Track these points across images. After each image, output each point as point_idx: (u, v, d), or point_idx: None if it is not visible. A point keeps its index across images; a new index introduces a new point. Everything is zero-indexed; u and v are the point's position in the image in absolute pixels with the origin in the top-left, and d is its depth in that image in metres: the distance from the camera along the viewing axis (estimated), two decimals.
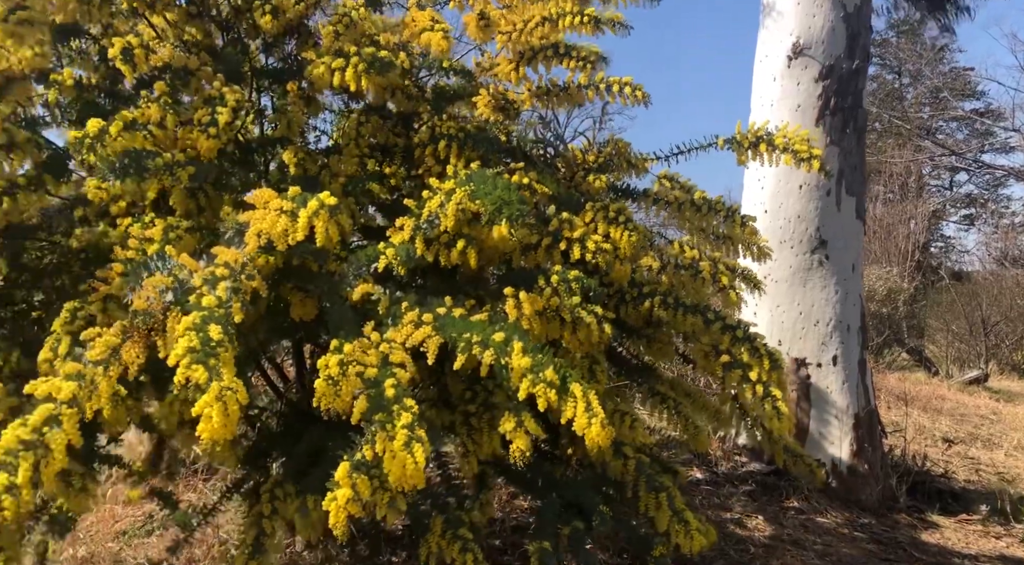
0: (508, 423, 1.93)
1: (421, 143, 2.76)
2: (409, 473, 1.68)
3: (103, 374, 1.71)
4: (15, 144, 2.33)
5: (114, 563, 3.65)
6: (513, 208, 1.99)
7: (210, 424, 1.54)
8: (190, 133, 2.30)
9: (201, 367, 1.57)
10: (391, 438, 1.70)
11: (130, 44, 2.29)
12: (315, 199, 1.91)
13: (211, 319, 1.68)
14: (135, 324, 1.76)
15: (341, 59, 2.38)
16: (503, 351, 1.88)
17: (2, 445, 1.57)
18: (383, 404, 1.77)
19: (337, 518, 1.70)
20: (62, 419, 1.63)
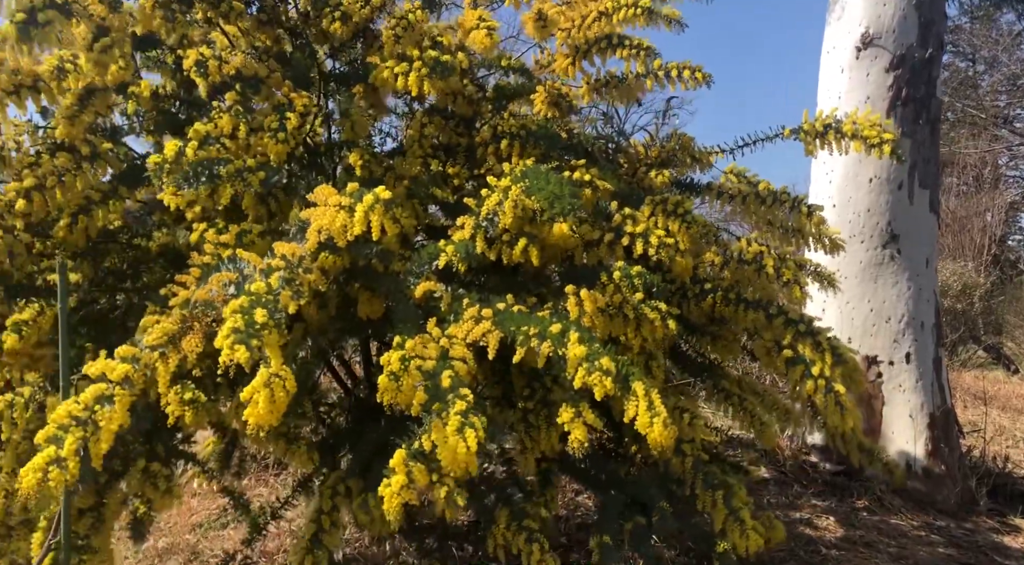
0: (566, 414, 1.93)
1: (483, 142, 2.80)
2: (461, 458, 1.69)
3: (160, 360, 1.76)
4: (97, 154, 2.44)
5: (191, 554, 3.79)
6: (565, 202, 1.99)
7: (256, 409, 1.59)
8: (260, 139, 2.38)
9: (243, 347, 1.59)
10: (445, 424, 1.72)
11: (203, 55, 2.38)
12: (371, 194, 1.96)
13: (258, 303, 1.72)
14: (194, 313, 1.82)
15: (404, 63, 2.42)
16: (560, 342, 1.89)
17: (53, 419, 1.63)
18: (440, 394, 1.80)
19: (391, 504, 1.73)
20: (115, 399, 1.69)
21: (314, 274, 1.93)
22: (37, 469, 1.55)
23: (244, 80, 2.39)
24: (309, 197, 2.08)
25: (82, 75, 2.38)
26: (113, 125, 2.71)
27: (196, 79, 2.39)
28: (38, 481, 1.54)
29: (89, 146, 2.42)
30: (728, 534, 2.35)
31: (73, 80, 2.35)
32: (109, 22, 2.35)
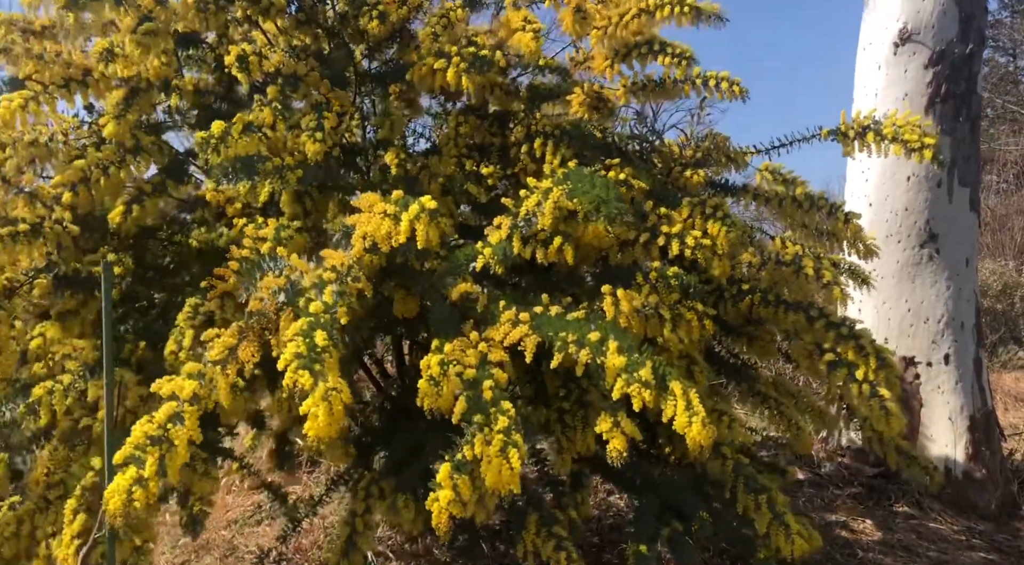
0: (605, 423, 1.92)
1: (517, 142, 2.79)
2: (505, 479, 1.71)
3: (221, 373, 1.81)
4: (141, 148, 2.49)
5: (227, 549, 3.84)
6: (611, 207, 1.99)
7: (316, 423, 1.62)
8: (298, 137, 2.40)
9: (307, 372, 1.66)
10: (488, 442, 1.73)
11: (245, 51, 2.40)
12: (416, 203, 1.96)
13: (317, 325, 1.76)
14: (250, 324, 1.86)
15: (443, 59, 2.43)
16: (598, 350, 1.88)
17: (130, 441, 1.69)
18: (482, 406, 1.81)
19: (439, 519, 1.74)
20: (184, 416, 1.74)
21: (362, 282, 1.95)
22: (122, 491, 1.60)
23: (284, 77, 2.41)
24: (353, 203, 2.10)
25: (128, 61, 2.41)
26: (156, 121, 2.75)
27: (237, 74, 2.42)
28: (123, 502, 1.59)
29: (133, 139, 2.46)
30: (772, 539, 2.32)
31: (120, 65, 2.39)
32: (155, 14, 2.38)
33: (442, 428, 2.58)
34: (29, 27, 2.58)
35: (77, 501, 1.94)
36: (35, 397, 2.17)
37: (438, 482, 1.76)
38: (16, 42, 2.38)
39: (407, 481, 2.47)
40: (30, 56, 2.37)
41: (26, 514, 2.16)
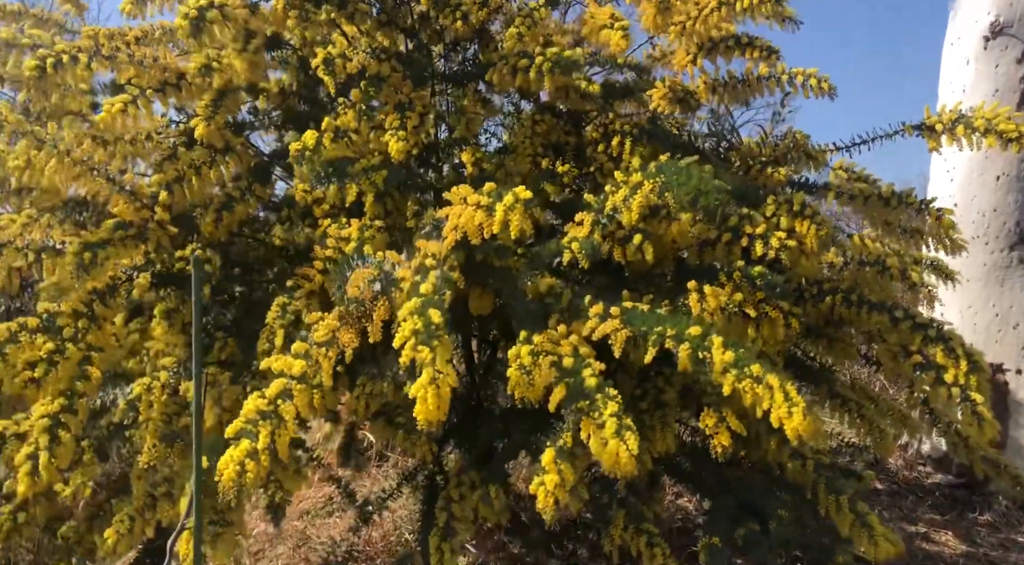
0: (710, 419, 1.93)
1: (593, 140, 2.79)
2: (623, 461, 1.71)
3: (324, 356, 1.86)
4: (230, 149, 2.57)
5: (300, 540, 3.93)
6: (711, 197, 1.97)
7: (425, 406, 1.66)
8: (380, 137, 2.45)
9: (426, 348, 1.70)
10: (600, 426, 1.74)
11: (331, 55, 2.46)
12: (511, 193, 1.98)
13: (430, 304, 1.80)
14: (349, 310, 1.90)
15: (525, 59, 2.44)
16: (701, 345, 1.86)
17: (243, 414, 1.76)
18: (583, 392, 1.82)
19: (546, 503, 1.77)
20: (293, 393, 1.81)
21: (456, 273, 1.98)
22: (235, 462, 1.67)
23: (368, 79, 2.46)
24: (445, 195, 2.12)
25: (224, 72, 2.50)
26: (241, 121, 2.83)
27: (324, 77, 2.47)
28: (237, 473, 1.66)
29: (223, 141, 2.54)
30: (855, 541, 2.26)
31: (218, 78, 2.47)
32: (252, 24, 2.46)
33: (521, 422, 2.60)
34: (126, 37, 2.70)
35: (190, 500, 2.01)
36: (135, 394, 2.27)
37: (543, 467, 1.79)
38: (121, 49, 2.49)
39: (492, 474, 2.50)
40: (132, 62, 2.47)
41: (136, 511, 2.26)
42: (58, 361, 2.12)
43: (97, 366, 2.23)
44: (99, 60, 2.40)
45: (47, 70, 2.29)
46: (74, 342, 2.18)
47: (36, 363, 2.11)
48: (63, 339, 2.16)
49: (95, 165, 2.35)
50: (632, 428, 1.75)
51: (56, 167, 2.24)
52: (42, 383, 2.10)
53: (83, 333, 2.22)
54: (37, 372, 2.09)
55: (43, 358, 2.11)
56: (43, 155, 2.22)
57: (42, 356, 2.11)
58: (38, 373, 2.09)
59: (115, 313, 2.35)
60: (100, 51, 2.41)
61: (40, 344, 2.14)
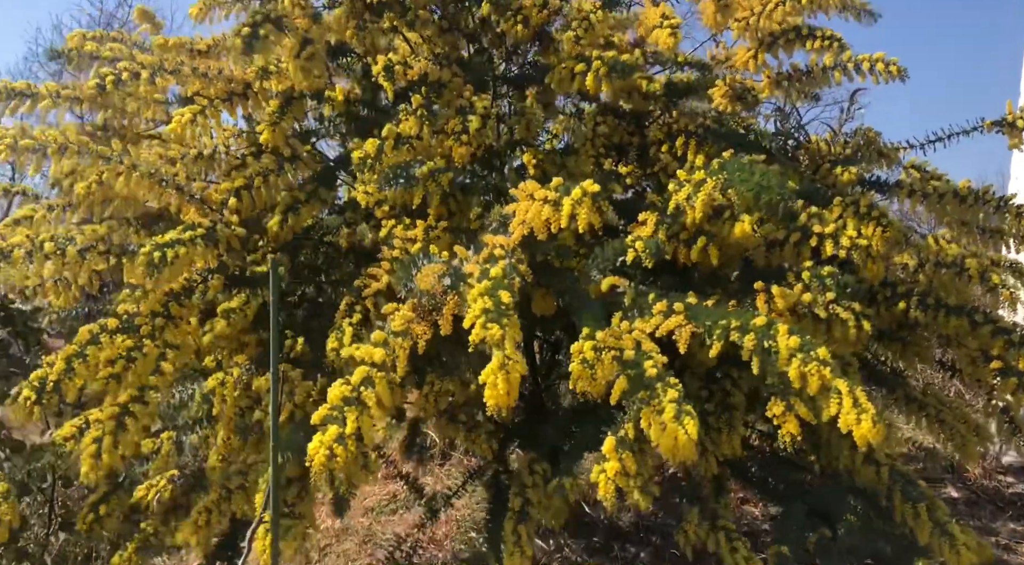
0: (777, 407, 1.89)
1: (656, 140, 2.76)
2: (681, 444, 1.70)
3: (400, 346, 1.90)
4: (297, 156, 2.63)
5: (366, 536, 4.00)
6: (773, 193, 1.94)
7: (495, 392, 1.69)
8: (443, 141, 2.48)
9: (496, 325, 1.72)
10: (658, 412, 1.73)
11: (391, 62, 2.50)
12: (578, 187, 1.99)
13: (499, 286, 1.83)
14: (422, 302, 1.94)
15: (583, 63, 2.44)
16: (766, 334, 1.84)
17: (329, 400, 1.81)
18: (645, 383, 1.82)
19: (606, 490, 1.78)
20: (375, 380, 1.85)
21: (523, 266, 2.00)
22: (325, 446, 1.72)
23: (428, 84, 2.49)
24: (511, 191, 2.15)
25: (283, 77, 2.56)
26: (308, 129, 2.90)
27: (384, 83, 2.51)
28: (326, 457, 1.70)
29: (290, 148, 2.61)
30: (934, 550, 2.19)
31: (275, 81, 2.54)
32: (311, 33, 2.52)
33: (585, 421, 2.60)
34: (194, 47, 2.79)
35: (264, 495, 2.07)
36: (208, 388, 2.36)
37: (603, 454, 1.81)
38: (184, 62, 2.57)
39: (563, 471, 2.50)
40: (196, 75, 2.55)
41: (212, 504, 2.34)
42: (136, 357, 2.22)
43: (172, 362, 2.33)
44: (162, 75, 2.49)
45: (107, 87, 2.39)
46: (151, 340, 2.27)
47: (115, 360, 2.21)
48: (141, 337, 2.26)
49: (164, 177, 2.45)
50: (692, 413, 1.73)
51: (124, 182, 2.35)
52: (121, 379, 2.21)
53: (159, 331, 2.31)
54: (116, 368, 2.19)
55: (122, 355, 2.21)
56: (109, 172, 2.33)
57: (121, 353, 2.21)
58: (117, 369, 2.19)
59: (190, 313, 2.43)
60: (164, 66, 2.50)
61: (119, 343, 2.23)
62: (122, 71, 2.37)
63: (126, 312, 2.41)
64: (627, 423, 1.83)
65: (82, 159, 2.33)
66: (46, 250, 2.27)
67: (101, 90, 2.34)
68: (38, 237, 2.33)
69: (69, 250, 2.31)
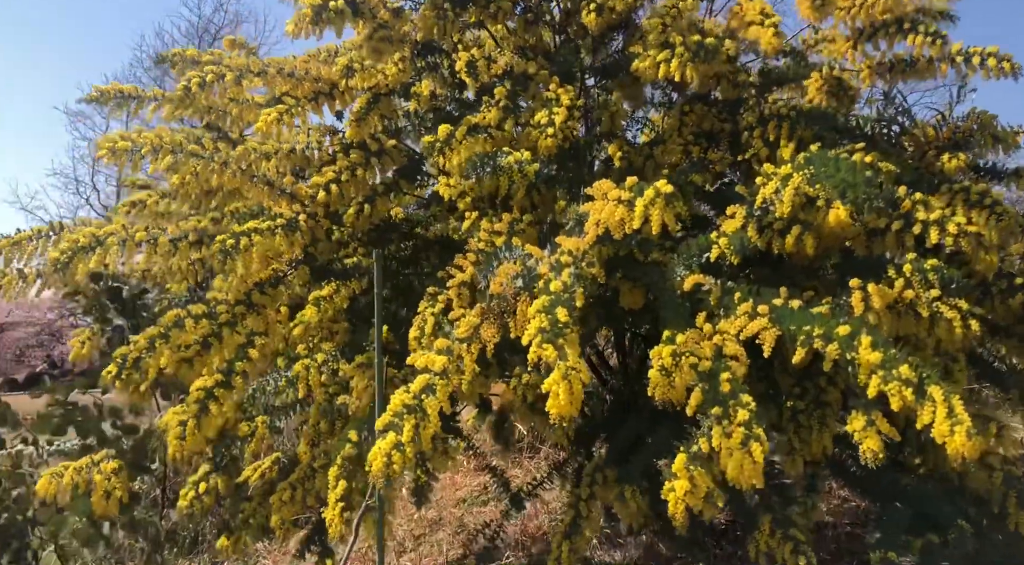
0: (858, 421, 1.81)
1: (748, 127, 2.67)
2: (747, 472, 1.67)
3: (467, 350, 1.91)
4: (384, 151, 2.68)
5: (458, 526, 4.05)
6: (859, 191, 1.84)
7: (557, 401, 1.67)
8: (529, 134, 2.47)
9: (550, 346, 1.71)
10: (727, 435, 1.69)
11: (474, 57, 2.51)
12: (651, 188, 1.94)
13: (558, 302, 1.81)
14: (491, 306, 1.95)
15: (666, 51, 2.38)
16: (849, 345, 1.76)
17: (390, 408, 1.84)
18: (719, 398, 1.77)
19: (676, 509, 1.74)
20: (436, 388, 1.88)
21: (596, 268, 1.98)
22: (383, 454, 1.76)
23: (513, 78, 2.48)
24: (587, 191, 2.12)
25: (366, 74, 2.61)
26: (396, 127, 2.95)
27: (466, 79, 2.53)
28: (384, 464, 1.75)
29: (377, 143, 2.66)
30: None
31: (360, 79, 2.59)
32: (391, 24, 2.56)
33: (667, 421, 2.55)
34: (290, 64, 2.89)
35: (339, 469, 2.14)
36: (295, 373, 2.44)
37: (673, 472, 1.77)
38: (270, 65, 2.66)
39: (631, 473, 2.47)
40: (283, 75, 2.63)
41: (298, 481, 2.42)
42: (212, 343, 2.31)
43: (259, 349, 2.42)
44: (248, 77, 2.57)
45: (192, 89, 2.49)
46: (231, 327, 2.36)
47: (191, 344, 2.31)
48: (219, 324, 2.35)
49: (254, 173, 2.54)
50: (761, 439, 1.69)
51: (218, 178, 2.46)
52: (194, 363, 2.31)
53: (240, 319, 2.40)
54: (190, 352, 2.30)
55: (197, 340, 2.31)
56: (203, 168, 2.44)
57: (196, 338, 2.31)
58: (190, 353, 2.30)
59: (274, 301, 2.51)
60: (250, 68, 2.59)
61: (201, 328, 2.33)
62: (208, 74, 2.46)
63: (214, 299, 2.52)
64: (701, 437, 1.78)
65: (177, 157, 2.42)
66: (137, 239, 2.38)
67: (187, 93, 2.44)
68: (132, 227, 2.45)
69: (161, 239, 2.42)
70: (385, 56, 2.63)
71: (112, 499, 2.48)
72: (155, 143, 2.44)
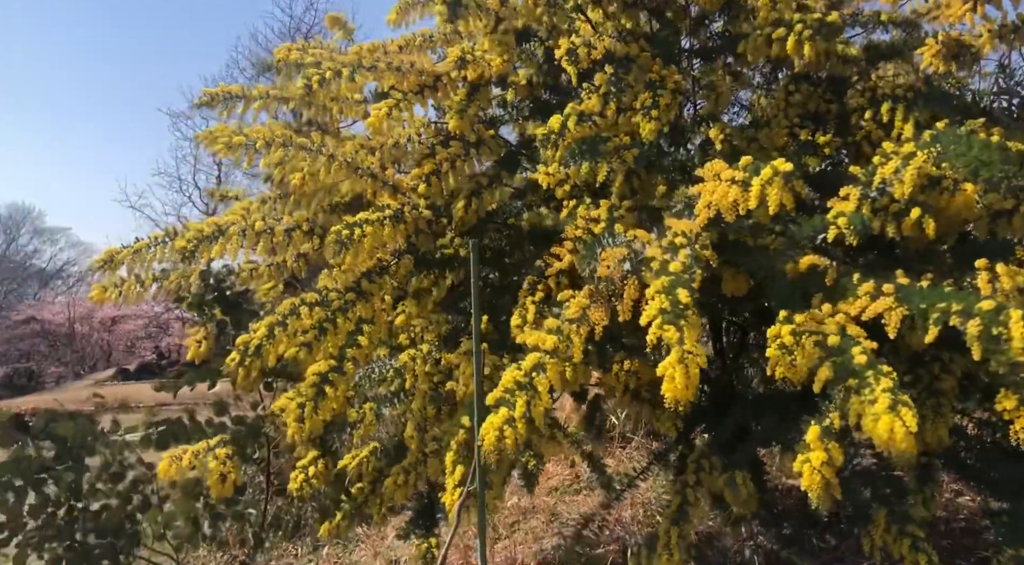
0: (1009, 400, 1.72)
1: (858, 108, 2.58)
2: (899, 436, 1.60)
3: (576, 332, 1.91)
4: (483, 142, 2.71)
5: (551, 515, 4.07)
6: (994, 169, 1.75)
7: (673, 385, 1.65)
8: (629, 118, 2.44)
9: (672, 327, 1.69)
10: (871, 402, 1.63)
11: (573, 43, 2.50)
12: (769, 166, 1.89)
13: (679, 283, 1.78)
14: (599, 289, 1.94)
15: (781, 28, 2.31)
16: (994, 320, 1.67)
17: (501, 385, 1.87)
18: (852, 370, 1.72)
19: (812, 480, 1.70)
20: (546, 366, 1.88)
21: (709, 251, 1.94)
22: (495, 428, 1.79)
23: (615, 62, 2.46)
24: (697, 172, 2.09)
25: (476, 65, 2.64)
26: (492, 116, 2.97)
27: (566, 66, 2.51)
28: (496, 438, 1.78)
29: (476, 134, 2.68)
30: None
31: (471, 70, 2.62)
32: (501, 13, 2.58)
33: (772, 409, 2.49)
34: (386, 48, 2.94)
35: (455, 455, 2.18)
36: (401, 362, 2.51)
37: (807, 444, 1.74)
38: (380, 59, 2.72)
39: (739, 460, 2.43)
40: (391, 69, 2.68)
41: (410, 466, 2.49)
42: (328, 329, 2.39)
43: (368, 336, 2.49)
44: (361, 73, 2.63)
45: (313, 87, 2.56)
46: (343, 313, 2.43)
47: (308, 330, 2.39)
48: (332, 311, 2.42)
49: (359, 166, 2.61)
50: (909, 404, 1.62)
51: (325, 172, 2.53)
52: (312, 347, 2.38)
53: (351, 306, 2.46)
54: (308, 337, 2.37)
55: (313, 326, 2.38)
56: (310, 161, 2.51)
57: (312, 324, 2.38)
58: (308, 338, 2.37)
59: (381, 290, 2.57)
60: (361, 63, 2.65)
61: (315, 315, 2.41)
62: (326, 70, 2.53)
63: (324, 287, 2.60)
64: (832, 412, 1.73)
65: (287, 150, 2.51)
66: (256, 228, 2.48)
67: (308, 90, 2.51)
68: (251, 216, 2.55)
69: (277, 228, 2.52)
70: (508, 49, 2.66)
71: (227, 482, 2.59)
72: (267, 137, 2.53)
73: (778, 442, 2.57)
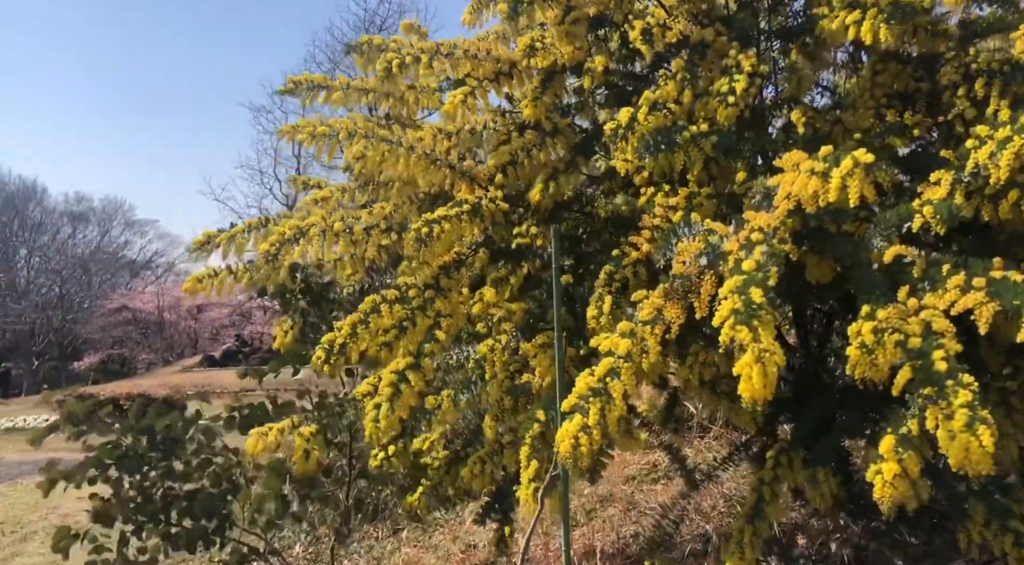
0: None
1: (951, 85, 2.45)
2: (975, 458, 1.55)
3: (650, 333, 1.90)
4: (558, 130, 2.70)
5: (628, 504, 4.06)
6: None
7: (750, 384, 1.62)
8: (705, 104, 2.39)
9: (745, 328, 1.66)
10: (947, 416, 1.58)
11: (649, 25, 2.46)
12: (849, 157, 1.83)
13: (752, 282, 1.75)
14: (675, 287, 1.91)
15: (857, 11, 2.23)
16: None
17: (575, 391, 1.87)
18: (932, 377, 1.66)
19: (883, 493, 1.66)
20: (620, 371, 1.88)
21: (788, 245, 1.90)
22: (570, 436, 1.81)
23: (690, 46, 2.42)
24: (776, 163, 2.03)
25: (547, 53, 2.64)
26: (567, 104, 2.96)
27: (641, 47, 2.48)
28: (571, 446, 1.79)
29: (551, 123, 2.68)
30: None
31: (540, 58, 2.63)
32: (573, 2, 2.57)
33: (856, 401, 2.41)
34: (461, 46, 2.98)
35: (529, 449, 2.20)
36: (480, 352, 2.53)
37: (880, 454, 1.68)
38: (457, 46, 2.74)
39: (821, 455, 2.37)
40: (467, 56, 2.70)
41: (487, 455, 2.52)
42: (407, 327, 2.43)
43: (445, 330, 2.52)
44: (438, 58, 2.66)
45: (392, 70, 2.60)
46: (422, 310, 2.47)
47: (389, 329, 2.43)
48: (412, 308, 2.47)
49: (437, 157, 2.65)
50: (988, 421, 1.56)
51: (404, 164, 2.58)
52: (393, 346, 2.43)
53: (430, 302, 2.50)
54: (388, 336, 2.42)
55: (394, 325, 2.43)
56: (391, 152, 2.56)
57: (394, 323, 2.43)
58: (389, 337, 2.42)
59: (460, 284, 2.61)
60: (440, 50, 2.68)
61: (396, 313, 2.46)
62: (405, 55, 2.57)
63: (404, 284, 2.64)
64: (911, 419, 1.68)
65: (369, 142, 2.56)
66: (336, 229, 2.55)
67: (388, 73, 2.56)
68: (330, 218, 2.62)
69: (356, 228, 2.57)
70: (577, 38, 2.65)
71: (311, 459, 2.68)
72: (350, 128, 2.59)
73: (862, 436, 2.49)
